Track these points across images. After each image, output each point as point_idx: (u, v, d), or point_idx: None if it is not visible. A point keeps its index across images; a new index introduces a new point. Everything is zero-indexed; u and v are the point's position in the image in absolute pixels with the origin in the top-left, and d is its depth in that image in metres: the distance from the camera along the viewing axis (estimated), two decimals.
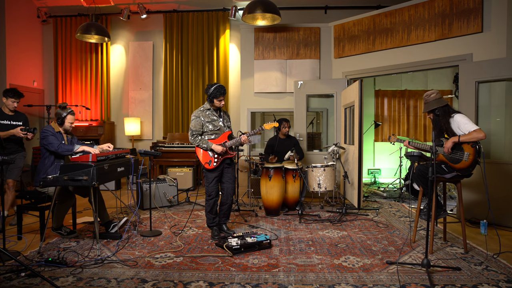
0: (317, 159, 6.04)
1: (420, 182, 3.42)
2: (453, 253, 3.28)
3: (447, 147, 3.21)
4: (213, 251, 3.34)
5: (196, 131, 3.73)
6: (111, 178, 3.51)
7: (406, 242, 3.56)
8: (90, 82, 7.64)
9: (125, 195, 6.05)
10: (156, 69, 7.66)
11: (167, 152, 6.71)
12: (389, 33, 5.65)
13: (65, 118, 3.75)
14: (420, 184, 3.46)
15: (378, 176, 7.71)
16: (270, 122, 3.91)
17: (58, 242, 3.61)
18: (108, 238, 3.67)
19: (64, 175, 3.14)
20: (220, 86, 3.68)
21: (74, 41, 7.61)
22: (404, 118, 8.19)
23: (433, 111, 3.35)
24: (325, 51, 6.51)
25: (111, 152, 3.63)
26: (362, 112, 4.88)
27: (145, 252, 3.31)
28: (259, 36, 6.56)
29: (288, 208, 4.96)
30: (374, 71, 5.89)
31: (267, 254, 3.26)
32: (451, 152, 3.23)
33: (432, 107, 3.34)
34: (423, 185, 3.42)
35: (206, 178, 3.75)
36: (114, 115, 7.79)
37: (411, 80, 8.08)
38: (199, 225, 4.24)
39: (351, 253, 3.29)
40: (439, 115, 3.32)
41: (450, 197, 5.53)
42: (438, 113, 3.33)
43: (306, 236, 3.80)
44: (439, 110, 3.33)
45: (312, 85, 6.15)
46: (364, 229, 4.06)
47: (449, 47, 5.02)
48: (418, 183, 3.50)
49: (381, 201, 5.57)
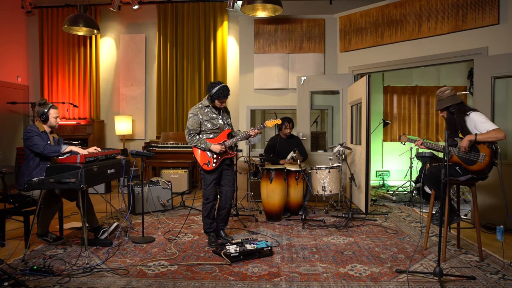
0: (322, 160, 6.04)
1: (432, 185, 3.42)
2: (468, 261, 3.28)
3: (464, 146, 3.20)
4: (210, 259, 3.34)
5: (194, 130, 3.72)
6: (101, 180, 3.51)
7: (417, 249, 3.56)
8: (78, 78, 7.63)
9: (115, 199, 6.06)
10: (149, 63, 7.66)
11: (161, 152, 6.71)
12: (399, 25, 5.65)
13: (49, 113, 3.71)
14: (432, 187, 3.46)
15: (387, 178, 7.71)
16: (272, 119, 3.91)
17: (44, 249, 3.61)
18: (98, 245, 3.67)
19: (50, 178, 3.14)
20: (224, 87, 3.66)
21: (61, 34, 7.61)
22: (415, 116, 8.19)
23: (447, 108, 3.35)
24: (330, 45, 6.51)
25: (100, 152, 3.63)
26: (370, 110, 4.88)
27: (137, 260, 3.30)
28: (259, 28, 6.56)
29: (291, 212, 4.96)
30: (382, 65, 5.89)
31: (268, 262, 3.26)
32: (467, 152, 3.22)
33: (446, 104, 3.33)
34: (435, 188, 3.42)
35: (204, 180, 3.75)
36: (104, 113, 7.79)
37: (422, 76, 8.08)
38: (195, 231, 4.24)
39: (358, 261, 3.29)
40: (453, 113, 3.31)
41: (464, 201, 5.54)
42: (452, 110, 3.32)
43: (309, 243, 3.80)
44: (453, 108, 3.32)
45: (316, 80, 6.16)
46: (372, 235, 4.06)
47: (463, 40, 5.02)
48: (429, 186, 3.50)
49: (390, 205, 5.57)
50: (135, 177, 6.69)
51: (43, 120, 3.72)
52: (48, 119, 3.73)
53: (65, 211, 4.37)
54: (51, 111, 3.72)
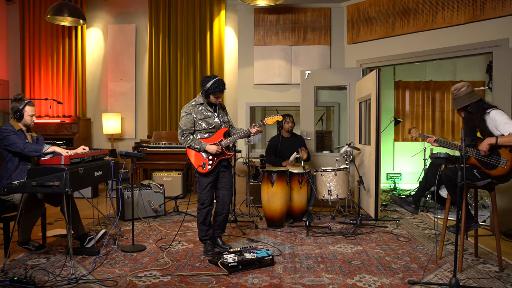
0: (328, 161, 6.04)
1: (447, 189, 3.41)
2: (486, 271, 3.28)
3: (483, 151, 3.17)
4: (206, 269, 3.34)
5: (187, 130, 3.72)
6: (87, 183, 3.50)
7: (431, 258, 3.56)
8: (62, 72, 7.63)
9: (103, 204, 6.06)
10: (139, 56, 7.66)
11: (153, 153, 6.71)
12: (412, 15, 5.65)
13: (23, 111, 3.67)
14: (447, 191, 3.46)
15: (399, 181, 7.71)
16: (273, 116, 3.91)
17: (25, 258, 3.61)
18: (84, 254, 3.67)
19: (32, 181, 3.14)
20: (220, 81, 3.67)
21: (44, 24, 7.60)
22: (429, 114, 8.20)
23: (465, 108, 3.31)
24: (337, 36, 6.51)
25: (87, 153, 3.63)
26: (380, 107, 4.88)
27: (127, 270, 3.30)
28: (259, 18, 6.56)
29: (294, 219, 4.97)
30: (393, 59, 5.89)
31: (269, 272, 3.26)
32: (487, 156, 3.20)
33: (463, 103, 3.30)
34: (450, 193, 3.41)
35: (199, 184, 3.75)
36: (91, 111, 7.79)
37: (437, 70, 8.08)
38: (190, 239, 4.24)
39: (367, 271, 3.29)
40: (472, 112, 3.28)
41: (482, 206, 5.53)
42: (471, 110, 3.29)
43: (314, 252, 3.80)
44: (472, 107, 3.28)
45: (321, 75, 6.16)
46: (382, 243, 4.06)
47: (481, 31, 5.02)
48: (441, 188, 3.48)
49: (402, 211, 5.57)
50: (124, 180, 6.68)
51: (17, 118, 3.68)
52: (22, 117, 3.69)
53: (49, 217, 4.37)
54: (26, 108, 3.68)
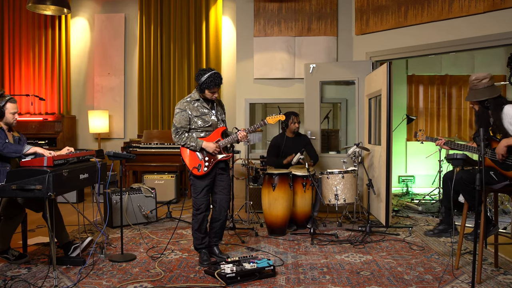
0: (334, 163, 6.04)
1: (464, 193, 3.41)
2: (507, 282, 3.28)
3: (500, 153, 3.17)
4: (201, 280, 3.34)
5: (182, 128, 3.73)
6: (72, 187, 3.51)
7: (447, 269, 3.57)
8: (45, 66, 7.64)
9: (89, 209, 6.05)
10: (129, 48, 7.66)
11: (143, 154, 6.72)
12: (426, 3, 5.65)
13: (4, 108, 3.66)
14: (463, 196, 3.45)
15: (412, 185, 7.70)
16: (275, 115, 3.91)
17: (4, 268, 3.61)
18: (68, 263, 3.67)
19: (11, 184, 3.14)
20: (216, 74, 3.68)
21: (25, 14, 7.61)
22: (445, 111, 8.19)
23: (482, 101, 3.32)
24: (344, 26, 6.51)
25: (71, 154, 3.63)
26: (391, 104, 4.88)
27: (115, 282, 3.31)
28: (260, 6, 6.57)
29: (297, 225, 4.97)
30: (406, 51, 5.90)
31: (270, 284, 3.27)
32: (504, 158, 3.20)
33: (482, 97, 3.29)
34: (467, 197, 3.41)
35: (194, 187, 3.75)
36: (76, 108, 7.80)
37: (453, 63, 8.08)
38: (184, 248, 4.25)
39: (377, 282, 3.29)
40: (489, 108, 3.29)
41: (503, 211, 5.53)
42: (488, 105, 3.29)
43: (319, 261, 3.81)
44: (489, 102, 3.28)
45: (327, 68, 6.16)
46: (393, 253, 4.06)
47: (501, 20, 5.02)
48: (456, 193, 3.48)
49: (415, 217, 5.57)
50: (112, 184, 6.68)
51: None
52: (3, 115, 3.68)
53: (30, 223, 4.37)
54: (8, 106, 3.68)
